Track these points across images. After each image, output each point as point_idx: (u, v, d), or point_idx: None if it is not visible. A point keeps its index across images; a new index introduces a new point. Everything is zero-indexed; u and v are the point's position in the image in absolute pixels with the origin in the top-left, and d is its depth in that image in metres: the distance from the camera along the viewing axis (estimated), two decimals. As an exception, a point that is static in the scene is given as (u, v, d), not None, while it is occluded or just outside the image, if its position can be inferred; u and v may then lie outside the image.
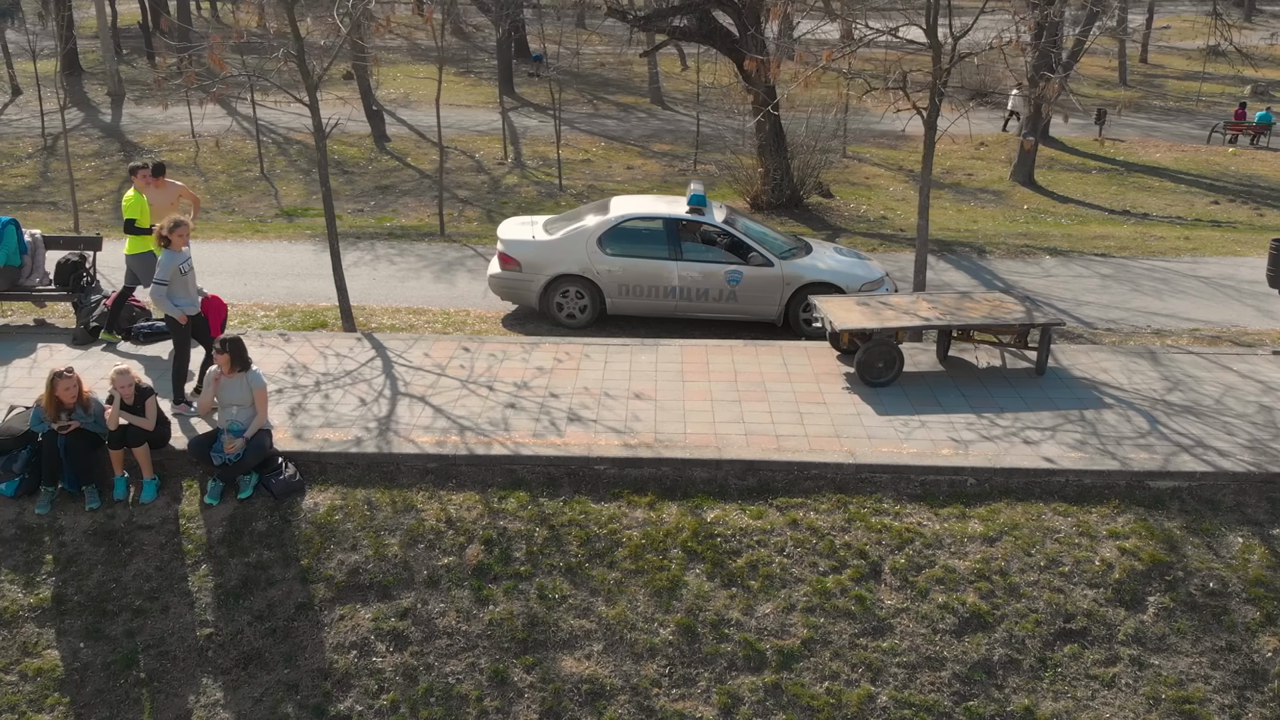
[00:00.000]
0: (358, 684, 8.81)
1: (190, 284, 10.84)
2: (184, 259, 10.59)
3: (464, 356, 12.56)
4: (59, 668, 8.91)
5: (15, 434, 10.02)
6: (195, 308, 10.88)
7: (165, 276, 10.35)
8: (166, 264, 10.42)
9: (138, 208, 12.38)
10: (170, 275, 10.42)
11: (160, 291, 10.53)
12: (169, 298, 10.53)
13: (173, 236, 10.63)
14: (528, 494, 10.01)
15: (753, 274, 14.06)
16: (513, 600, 9.25)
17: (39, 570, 9.50)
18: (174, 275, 10.60)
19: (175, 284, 10.65)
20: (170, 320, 10.85)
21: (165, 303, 10.54)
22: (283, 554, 9.57)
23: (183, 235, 10.67)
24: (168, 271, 10.35)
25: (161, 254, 10.58)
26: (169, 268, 10.41)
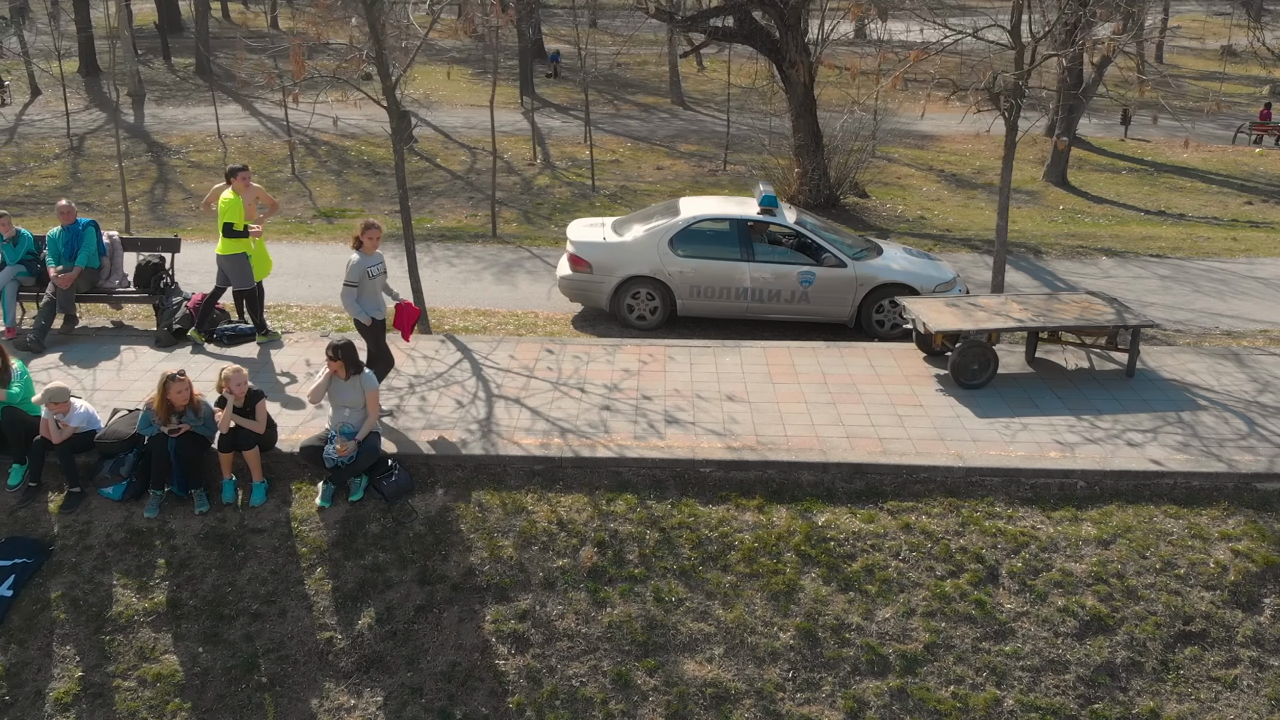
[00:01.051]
0: (482, 686, 8.79)
1: (378, 288, 10.76)
2: (374, 262, 10.52)
3: (549, 358, 12.53)
4: (178, 673, 8.87)
5: (122, 437, 9.98)
6: (381, 312, 10.79)
7: (355, 279, 10.33)
8: (357, 267, 10.33)
9: (236, 210, 12.33)
10: (359, 278, 10.34)
11: (350, 294, 10.54)
12: (356, 301, 10.32)
13: (365, 239, 10.58)
14: (635, 496, 9.99)
15: (826, 275, 14.05)
16: (629, 603, 9.22)
17: (151, 574, 9.47)
18: (362, 278, 10.48)
19: (363, 287, 10.58)
20: (359, 324, 10.73)
21: (352, 306, 10.44)
22: (398, 556, 9.54)
23: (374, 238, 10.63)
24: (357, 274, 10.34)
25: (353, 256, 10.44)
26: (359, 271, 10.35)
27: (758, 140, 30.75)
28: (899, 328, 14.13)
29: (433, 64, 46.21)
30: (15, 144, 32.41)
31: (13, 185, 28.05)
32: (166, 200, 26.25)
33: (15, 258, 12.91)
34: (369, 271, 10.41)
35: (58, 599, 9.33)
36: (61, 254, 12.77)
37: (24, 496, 9.92)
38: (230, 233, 12.38)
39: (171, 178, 28.13)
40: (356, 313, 10.50)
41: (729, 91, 33.12)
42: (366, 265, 10.35)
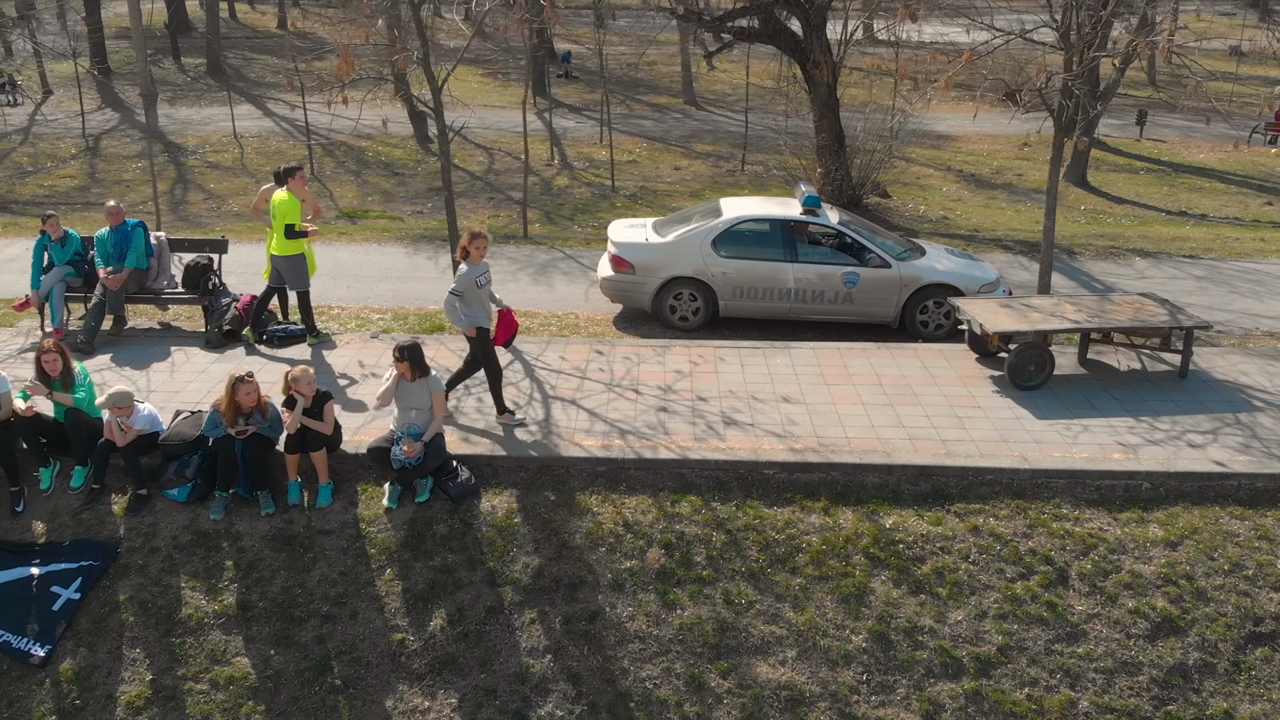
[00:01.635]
0: (556, 688, 8.77)
1: (485, 297, 10.57)
2: (481, 271, 10.38)
3: (599, 360, 12.52)
4: (250, 675, 8.85)
5: (187, 439, 9.97)
6: (489, 321, 10.68)
7: (461, 288, 10.21)
8: (464, 276, 10.23)
9: (295, 210, 12.32)
10: (466, 287, 10.23)
11: (453, 302, 10.39)
12: (461, 310, 10.29)
13: (472, 248, 10.48)
14: (699, 498, 9.99)
15: (870, 275, 14.04)
16: (699, 605, 9.22)
17: (219, 576, 9.45)
18: (469, 288, 10.36)
19: (470, 296, 10.43)
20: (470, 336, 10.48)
21: (454, 314, 10.32)
22: (466, 557, 9.54)
23: (481, 248, 10.52)
24: (464, 283, 10.20)
25: (462, 266, 10.38)
26: (466, 280, 10.23)
27: (774, 140, 30.72)
28: (942, 328, 14.08)
29: (440, 64, 46.01)
30: (31, 144, 32.37)
31: (31, 185, 28.02)
32: (187, 200, 26.22)
33: (64, 258, 12.89)
34: (476, 281, 10.33)
35: (126, 601, 9.31)
36: (110, 255, 12.75)
37: (87, 499, 9.90)
38: (291, 233, 12.34)
39: (190, 178, 28.10)
40: (458, 321, 10.44)
41: (747, 92, 33.01)
42: (474, 275, 10.27)
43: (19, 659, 8.95)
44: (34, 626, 9.11)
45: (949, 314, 14.10)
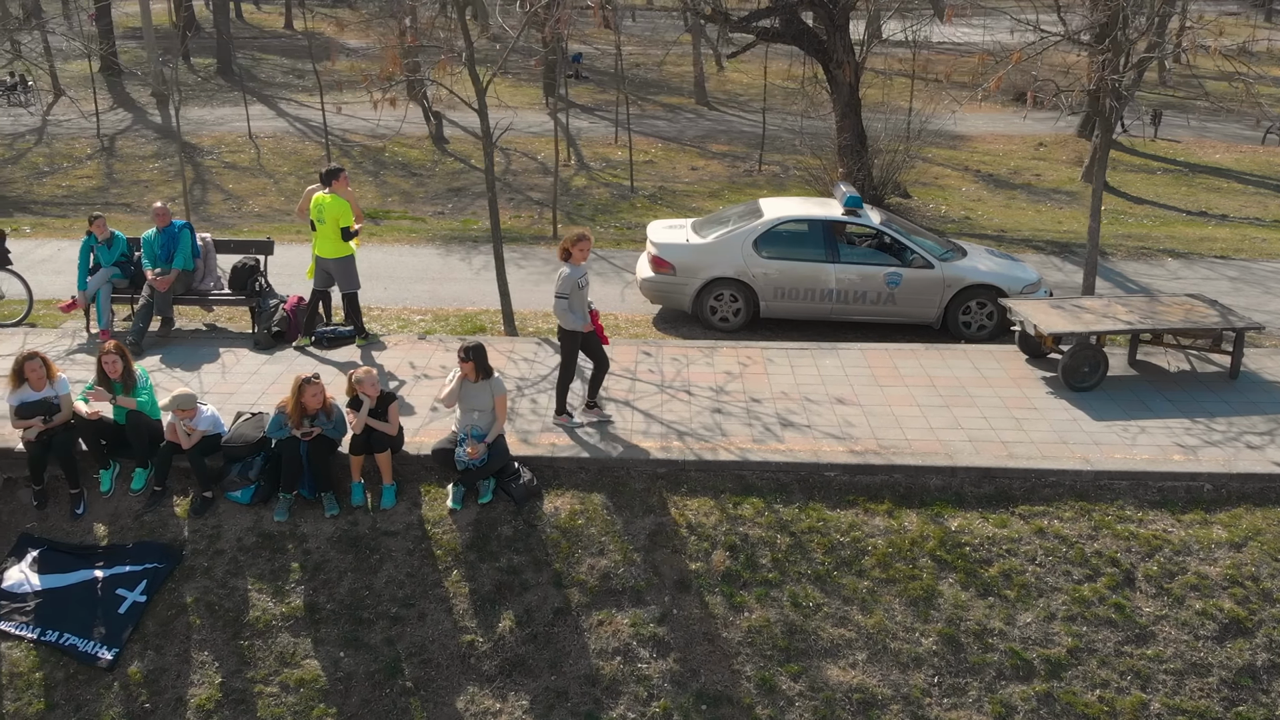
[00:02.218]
0: (627, 691, 8.76)
1: (584, 299, 10.46)
2: (582, 274, 10.33)
3: (648, 361, 12.52)
4: (321, 678, 8.84)
5: (250, 441, 9.96)
6: (587, 322, 10.65)
7: (566, 291, 10.13)
8: (568, 278, 10.17)
9: (347, 212, 12.30)
10: (570, 290, 10.16)
11: (562, 305, 10.25)
12: (570, 311, 10.23)
13: (576, 250, 10.40)
14: (761, 500, 9.99)
15: (913, 276, 14.04)
16: (767, 608, 9.21)
17: (286, 578, 9.44)
18: (573, 290, 10.24)
19: (573, 298, 10.30)
20: (564, 333, 10.57)
21: (568, 316, 10.26)
22: (532, 559, 9.53)
23: (584, 250, 10.46)
24: (569, 286, 10.12)
25: (564, 269, 10.31)
26: (570, 283, 10.16)
27: (788, 141, 30.72)
28: (985, 329, 14.08)
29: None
30: (46, 144, 32.28)
31: (49, 186, 27.95)
32: (206, 201, 26.18)
33: (110, 259, 12.88)
34: (578, 283, 10.31)
35: (192, 604, 9.29)
36: (158, 256, 12.73)
37: (149, 501, 9.89)
38: (346, 235, 12.32)
39: (208, 179, 28.03)
40: (573, 323, 10.34)
41: (765, 92, 32.99)
42: (577, 276, 10.24)
43: (86, 662, 8.93)
44: (100, 629, 9.08)
45: (991, 315, 14.09)
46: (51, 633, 9.10)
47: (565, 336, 10.61)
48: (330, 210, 12.22)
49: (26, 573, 9.49)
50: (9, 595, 9.39)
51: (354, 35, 54.09)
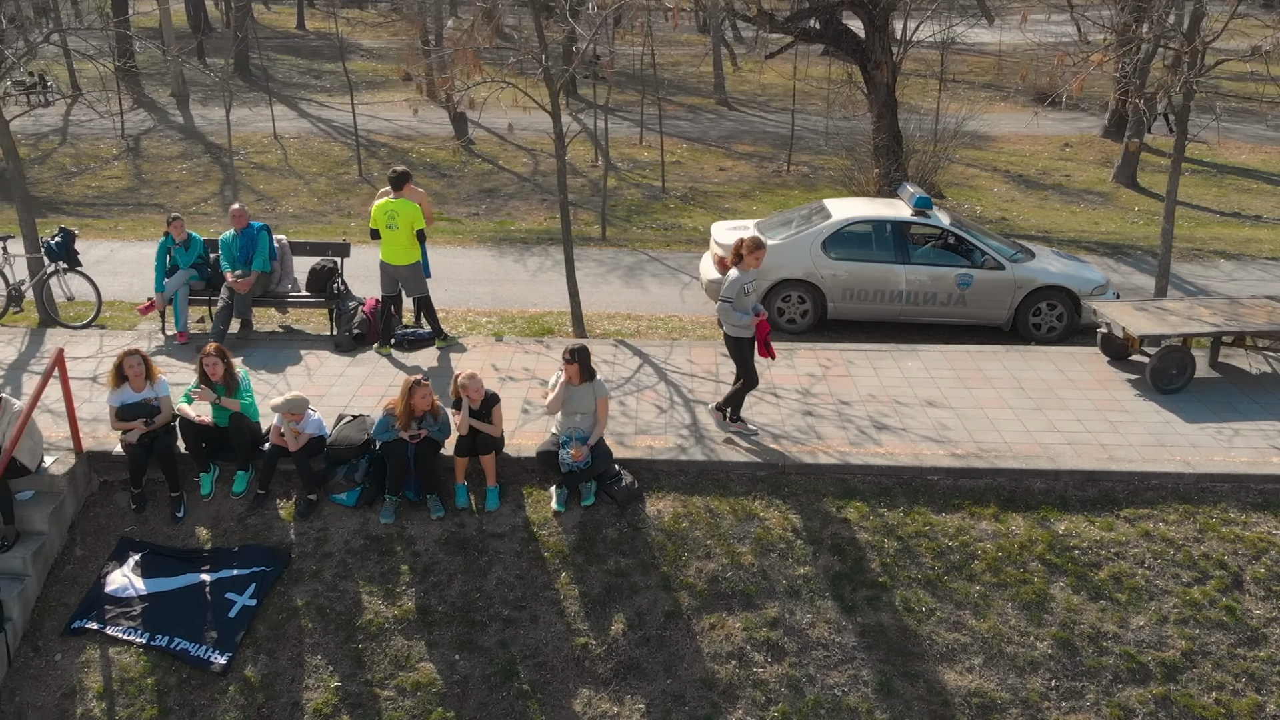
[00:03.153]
0: (744, 695, 8.75)
1: (749, 305, 10.27)
2: (750, 279, 10.16)
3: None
4: (437, 681, 8.81)
5: (355, 444, 9.94)
6: (750, 329, 10.50)
7: (732, 295, 10.00)
8: (735, 282, 10.04)
9: (421, 216, 12.27)
10: (736, 294, 10.02)
11: (727, 309, 10.11)
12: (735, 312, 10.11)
13: (751, 257, 10.25)
14: (865, 504, 9.97)
15: (984, 278, 14.03)
16: (879, 612, 9.20)
17: (396, 581, 9.41)
18: (739, 294, 10.08)
19: (739, 303, 10.16)
20: (731, 341, 10.45)
21: (732, 317, 10.16)
22: (639, 561, 9.51)
23: (760, 258, 10.32)
24: (735, 290, 10.00)
25: (732, 273, 10.19)
26: (736, 287, 10.02)
27: (813, 141, 30.70)
28: (1055, 331, 14.08)
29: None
30: (71, 144, 32.19)
31: (79, 186, 27.88)
32: (239, 202, 25.99)
33: (188, 262, 12.85)
34: (745, 288, 10.26)
35: (303, 607, 9.26)
36: (236, 258, 12.68)
37: (252, 504, 9.84)
38: (421, 237, 12.29)
39: (239, 179, 27.93)
40: (740, 330, 10.23)
41: (794, 93, 32.97)
42: (744, 281, 10.18)
43: (198, 666, 8.90)
44: (211, 634, 9.05)
45: (1061, 316, 14.09)
46: (161, 637, 9.05)
47: (734, 343, 10.43)
48: (404, 215, 12.18)
49: (129, 576, 9.44)
50: (113, 599, 9.33)
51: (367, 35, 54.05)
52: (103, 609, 9.28)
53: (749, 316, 10.27)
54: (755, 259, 10.18)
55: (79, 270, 13.76)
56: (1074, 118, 38.02)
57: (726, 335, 10.34)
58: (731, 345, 10.41)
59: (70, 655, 9.07)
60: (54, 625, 9.31)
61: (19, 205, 13.24)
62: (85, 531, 9.93)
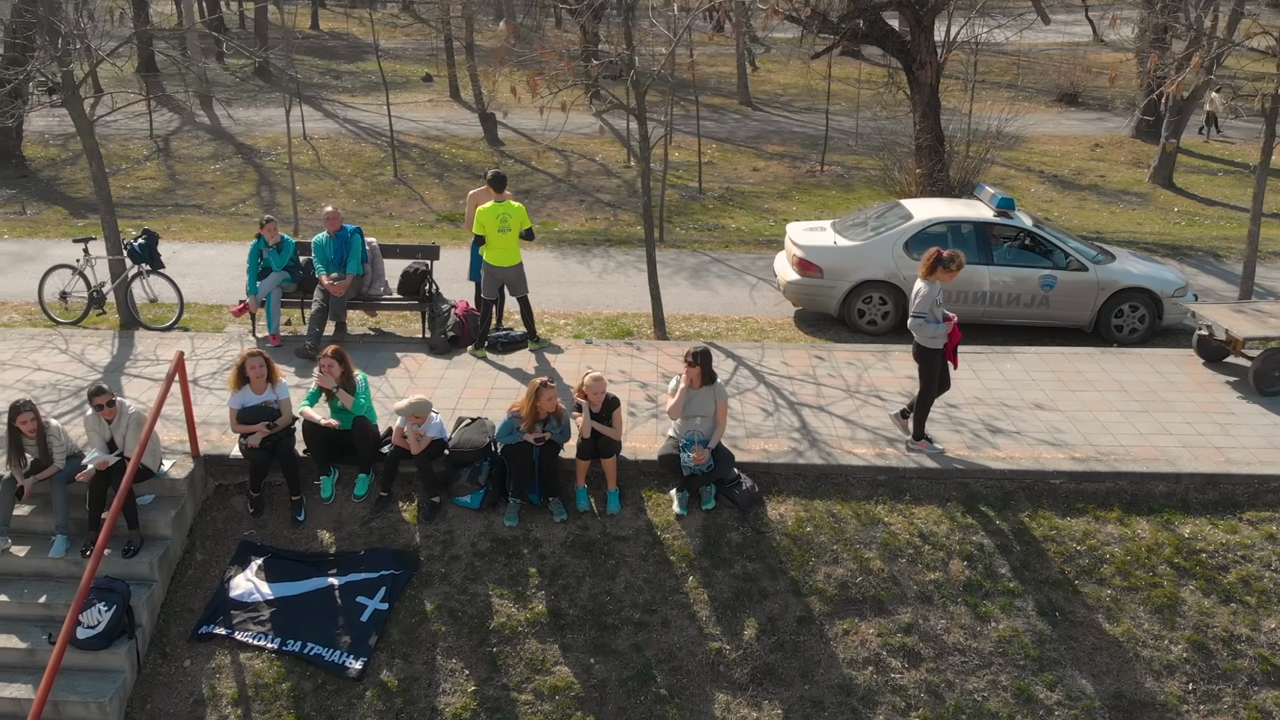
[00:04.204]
0: (883, 700, 8.71)
1: (940, 315, 10.01)
2: (939, 291, 9.90)
3: (824, 365, 12.47)
4: (575, 685, 8.77)
5: (478, 446, 9.89)
6: (942, 340, 10.11)
7: (925, 309, 9.75)
8: (927, 297, 9.79)
9: (526, 215, 12.23)
10: (929, 309, 9.80)
11: (920, 324, 9.89)
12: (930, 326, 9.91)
13: (943, 270, 9.93)
14: (989, 508, 9.94)
15: (1068, 279, 14.01)
16: (1013, 617, 9.17)
17: (525, 584, 9.37)
18: (932, 308, 9.91)
19: (932, 316, 9.91)
20: (922, 352, 10.21)
21: (924, 330, 9.96)
22: (766, 566, 9.47)
23: (957, 272, 10.12)
24: (928, 304, 9.74)
25: (920, 286, 10.09)
26: (929, 299, 9.77)
27: (843, 140, 30.67)
28: (1136, 332, 14.07)
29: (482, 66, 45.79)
30: (101, 145, 31.78)
31: (114, 188, 27.56)
32: (277, 203, 26.02)
33: (281, 264, 12.78)
34: (936, 301, 10.17)
35: (434, 610, 9.21)
36: (330, 261, 12.61)
37: (375, 507, 9.77)
38: (529, 236, 12.25)
39: (274, 180, 27.84)
40: (934, 341, 10.00)
41: (828, 94, 32.94)
42: (935, 294, 10.12)
43: (334, 672, 8.84)
44: (345, 638, 8.98)
45: (1143, 318, 14.07)
46: (293, 642, 8.98)
47: (924, 355, 10.14)
48: (514, 217, 12.15)
49: (254, 581, 9.38)
50: (239, 604, 9.27)
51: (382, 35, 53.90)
52: (229, 614, 9.20)
53: (944, 326, 10.02)
54: (949, 274, 9.96)
55: (161, 272, 13.65)
56: (1099, 118, 38.07)
57: (918, 346, 10.06)
58: (921, 356, 10.14)
59: (199, 661, 8.98)
60: (179, 631, 9.21)
61: (101, 207, 13.19)
62: (204, 535, 9.86)
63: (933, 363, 10.17)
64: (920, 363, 10.25)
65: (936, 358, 10.14)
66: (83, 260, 13.80)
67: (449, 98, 38.56)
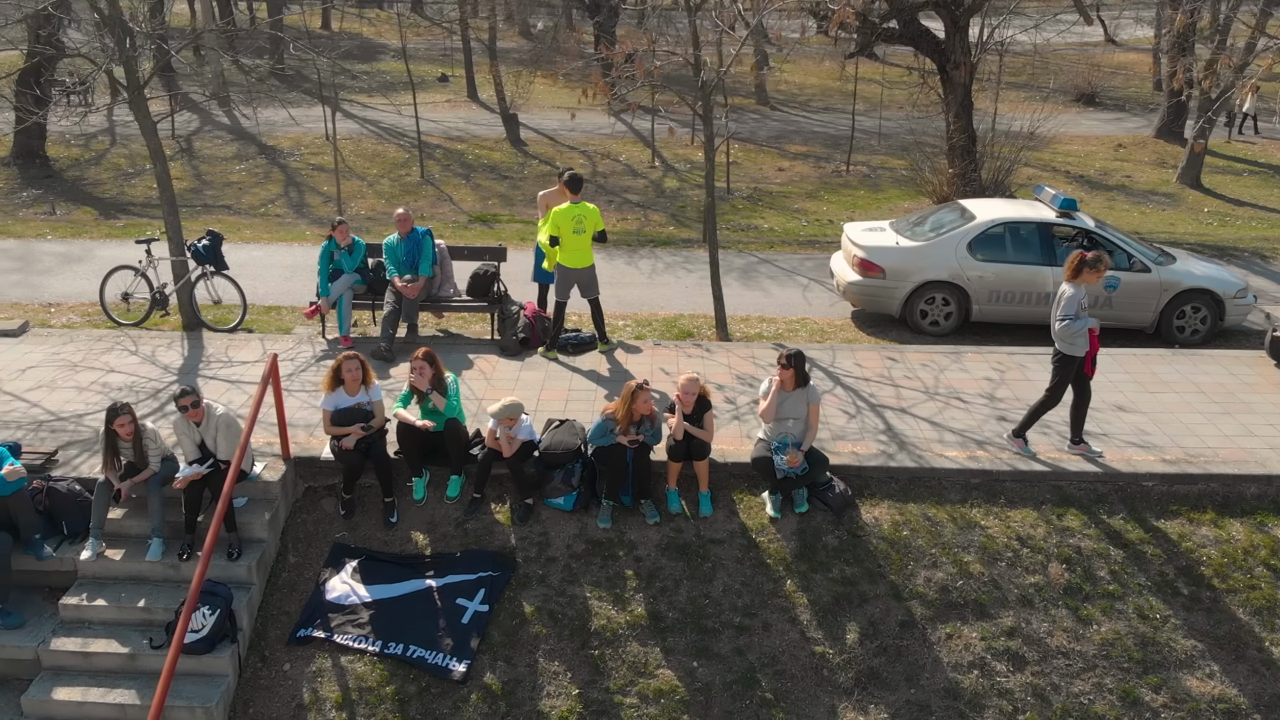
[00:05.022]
0: (990, 704, 8.68)
1: (1085, 319, 9.87)
2: (1083, 294, 9.81)
3: (898, 367, 12.45)
4: (679, 688, 8.73)
5: (571, 448, 9.83)
6: (1084, 347, 10.04)
7: (1072, 312, 9.60)
8: (1073, 299, 9.67)
9: (601, 218, 12.20)
10: (1075, 311, 9.69)
11: (1069, 328, 9.76)
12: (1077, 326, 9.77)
13: (1089, 272, 9.83)
14: (1084, 511, 9.92)
15: (1131, 280, 13.98)
16: (1115, 620, 9.13)
17: (622, 586, 9.33)
18: (1077, 311, 9.75)
19: (1078, 319, 9.81)
20: (1062, 358, 10.08)
21: (1067, 334, 9.85)
22: (864, 570, 9.43)
23: (1103, 273, 9.95)
24: (1075, 307, 9.61)
25: (1066, 289, 10.01)
26: (1075, 303, 9.64)
27: (864, 140, 30.64)
28: (1198, 334, 14.05)
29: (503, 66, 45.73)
30: (122, 145, 31.94)
31: (140, 188, 27.68)
32: (307, 204, 25.92)
33: (353, 266, 12.73)
34: (1082, 304, 10.09)
35: (533, 613, 9.17)
36: (403, 263, 12.55)
37: (468, 509, 9.72)
38: (602, 237, 12.22)
39: (300, 181, 27.75)
40: (1077, 349, 9.91)
41: (854, 94, 32.92)
42: (1080, 298, 10.04)
43: (438, 675, 8.79)
44: (447, 641, 8.94)
45: (1205, 319, 14.06)
46: (395, 645, 8.92)
47: (1064, 360, 10.00)
48: (591, 219, 12.12)
49: (350, 584, 9.32)
50: (337, 607, 9.22)
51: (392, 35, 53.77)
52: (326, 617, 9.15)
53: (1087, 323, 9.93)
54: (1096, 276, 9.90)
55: (225, 273, 13.59)
56: (1118, 118, 38.07)
57: (1058, 352, 9.96)
58: (1060, 362, 10.00)
59: (299, 665, 8.93)
60: (277, 634, 9.16)
61: (164, 208, 13.11)
62: (295, 538, 9.80)
63: (1068, 370, 10.07)
64: (1055, 367, 10.16)
65: (1073, 365, 9.99)
66: (145, 261, 13.73)
67: (466, 98, 38.43)
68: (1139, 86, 43.53)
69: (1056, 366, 10.12)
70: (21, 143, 27.86)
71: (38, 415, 10.88)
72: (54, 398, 11.28)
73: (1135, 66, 47.55)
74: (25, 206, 24.34)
